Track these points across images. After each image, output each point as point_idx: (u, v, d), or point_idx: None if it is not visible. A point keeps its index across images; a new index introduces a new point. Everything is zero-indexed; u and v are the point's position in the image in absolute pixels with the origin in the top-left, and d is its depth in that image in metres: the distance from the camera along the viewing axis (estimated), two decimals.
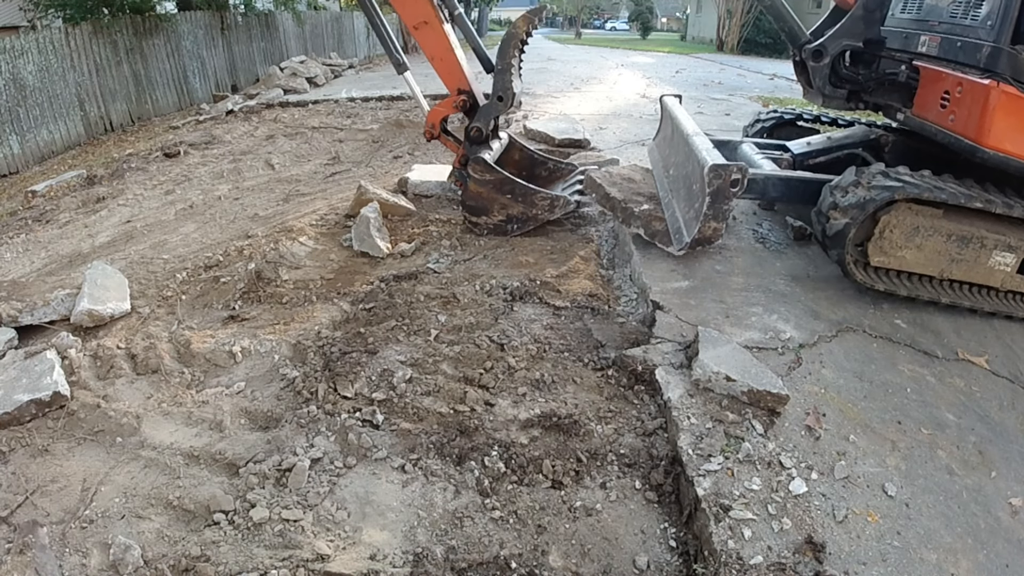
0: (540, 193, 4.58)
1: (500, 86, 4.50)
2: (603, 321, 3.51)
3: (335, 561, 2.11)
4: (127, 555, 2.10)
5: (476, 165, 4.49)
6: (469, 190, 4.59)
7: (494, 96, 4.54)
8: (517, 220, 4.61)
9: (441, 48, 4.55)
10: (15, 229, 5.76)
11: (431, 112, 4.79)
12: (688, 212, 3.82)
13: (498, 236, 4.62)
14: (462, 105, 4.66)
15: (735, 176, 3.35)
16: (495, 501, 2.37)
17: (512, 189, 4.51)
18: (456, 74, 4.61)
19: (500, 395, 2.90)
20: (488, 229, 4.66)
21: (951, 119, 3.38)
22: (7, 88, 8.44)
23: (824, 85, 4.09)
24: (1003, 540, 2.21)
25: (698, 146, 3.74)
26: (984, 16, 3.30)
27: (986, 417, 2.81)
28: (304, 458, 2.50)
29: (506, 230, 4.64)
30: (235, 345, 3.28)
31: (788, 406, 2.68)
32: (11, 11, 13.50)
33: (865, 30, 3.91)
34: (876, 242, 3.33)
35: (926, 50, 3.71)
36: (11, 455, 2.64)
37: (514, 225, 4.63)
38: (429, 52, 4.56)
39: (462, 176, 4.76)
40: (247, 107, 11.19)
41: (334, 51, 19.70)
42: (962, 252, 3.34)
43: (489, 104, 4.59)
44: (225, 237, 4.98)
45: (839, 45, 3.97)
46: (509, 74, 4.51)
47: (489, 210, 4.60)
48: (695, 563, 2.14)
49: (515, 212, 4.58)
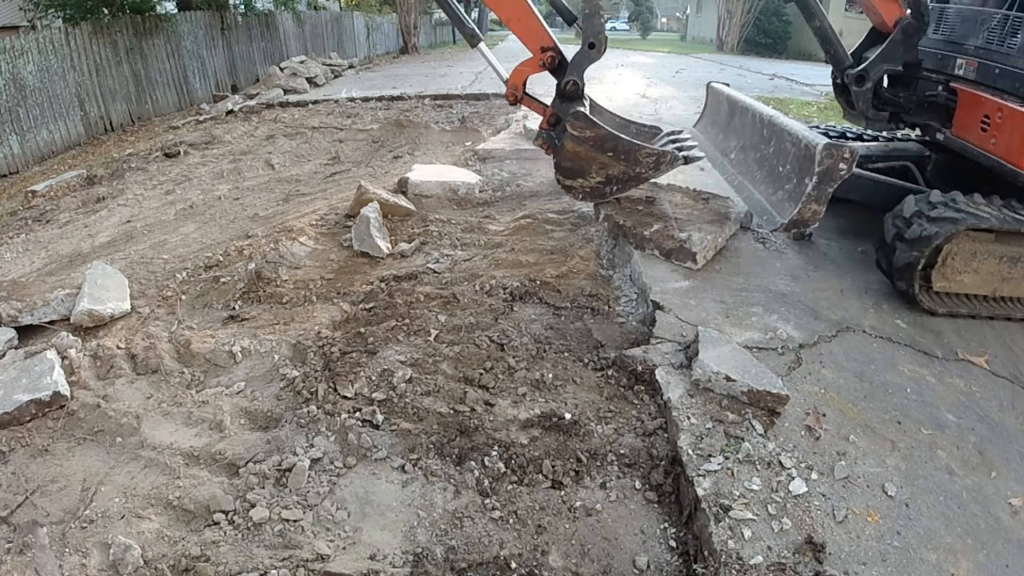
0: (645, 149, 4.21)
1: (591, 31, 4.10)
2: (603, 321, 3.51)
3: (335, 561, 2.11)
4: (127, 555, 2.10)
5: (576, 122, 4.10)
6: (565, 150, 4.22)
7: (585, 44, 4.13)
8: (617, 180, 4.31)
9: (518, 7, 4.21)
10: (15, 229, 5.76)
11: (514, 73, 4.39)
12: (776, 193, 3.70)
13: (593, 199, 4.40)
14: (549, 62, 4.27)
15: (846, 157, 3.26)
16: (495, 501, 2.37)
17: (615, 146, 4.15)
18: (538, 31, 4.27)
19: (500, 395, 2.90)
20: (583, 193, 4.39)
21: (992, 143, 3.49)
22: (7, 88, 8.44)
23: (868, 108, 4.15)
24: (1003, 540, 2.21)
25: (792, 126, 3.67)
26: (1021, 45, 3.39)
27: (986, 417, 2.81)
28: (304, 458, 2.50)
29: (604, 192, 4.37)
30: (235, 345, 3.28)
31: (788, 406, 2.68)
32: (11, 11, 13.49)
33: (904, 54, 3.97)
34: (939, 269, 3.44)
35: (963, 73, 3.79)
36: (11, 455, 2.64)
37: (613, 186, 4.35)
38: (505, 15, 4.22)
39: (550, 138, 4.44)
40: (247, 107, 11.19)
41: (334, 51, 19.69)
42: (1012, 271, 3.49)
43: (580, 54, 4.18)
44: (225, 237, 4.98)
45: (880, 70, 4.03)
46: (599, 17, 4.12)
47: (587, 171, 4.28)
48: (695, 563, 2.14)
49: (616, 172, 4.26)
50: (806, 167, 3.41)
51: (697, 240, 3.94)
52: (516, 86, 4.39)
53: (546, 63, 4.27)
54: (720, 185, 5.05)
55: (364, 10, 24.95)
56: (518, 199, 5.58)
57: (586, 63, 4.23)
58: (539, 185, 5.91)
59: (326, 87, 14.22)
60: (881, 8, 3.95)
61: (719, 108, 5.02)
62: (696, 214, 4.38)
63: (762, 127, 4.04)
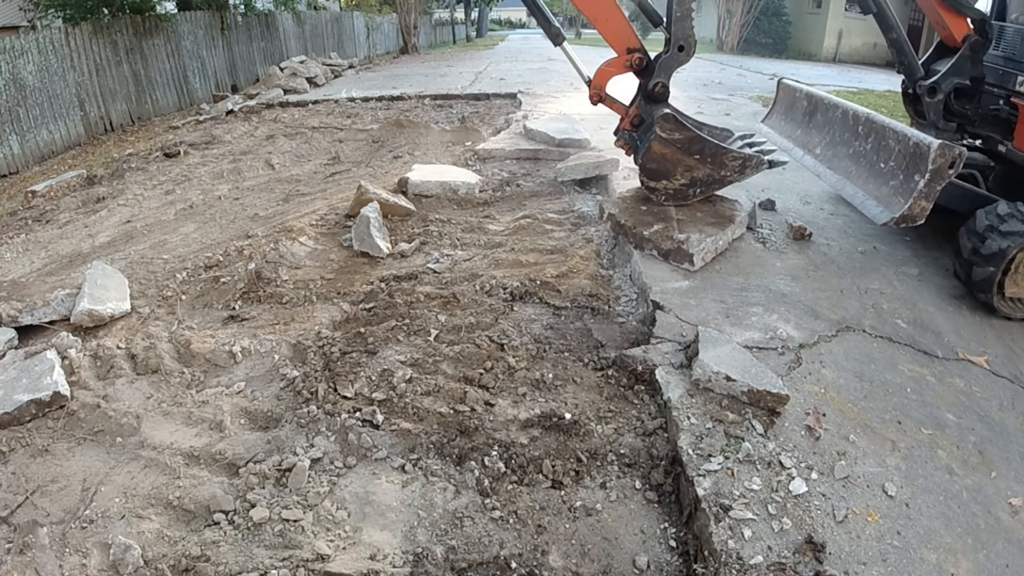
0: (731, 153, 4.23)
1: (681, 34, 4.13)
2: (603, 321, 3.51)
3: (335, 561, 2.11)
4: (127, 555, 2.10)
5: (666, 123, 4.12)
6: (652, 152, 4.22)
7: (674, 46, 4.16)
8: (701, 184, 4.33)
9: (605, 7, 4.21)
10: (15, 229, 5.76)
11: (598, 73, 4.39)
12: (881, 188, 3.76)
13: (676, 201, 4.39)
14: (637, 63, 4.30)
15: (956, 158, 3.33)
16: (495, 501, 2.37)
17: (702, 148, 4.17)
18: (624, 32, 4.26)
19: (500, 395, 2.90)
20: (666, 195, 4.39)
21: None
22: (7, 88, 8.44)
23: (938, 119, 4.29)
24: (1003, 540, 2.21)
25: (895, 125, 3.75)
26: None
27: (986, 417, 2.81)
28: (304, 458, 2.50)
29: (687, 195, 4.37)
30: (235, 345, 3.28)
31: (788, 406, 2.68)
32: (11, 11, 13.50)
33: (971, 69, 4.13)
34: (1012, 276, 3.55)
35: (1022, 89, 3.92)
36: (11, 455, 2.64)
37: (697, 189, 4.35)
38: (591, 13, 4.22)
39: (632, 139, 4.45)
40: (247, 107, 11.19)
41: (334, 51, 19.70)
42: None
43: (670, 56, 4.21)
44: (225, 237, 4.98)
45: (951, 83, 4.18)
46: (690, 20, 4.15)
47: (671, 173, 4.28)
48: (695, 563, 2.14)
49: (700, 175, 4.27)
50: (915, 164, 3.47)
51: (695, 241, 3.94)
52: (600, 86, 4.40)
53: (633, 64, 4.29)
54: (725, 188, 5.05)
55: (364, 10, 24.96)
56: (518, 199, 5.58)
57: (675, 65, 4.26)
58: (539, 185, 5.91)
59: (326, 87, 14.22)
60: (950, 24, 4.07)
61: (794, 104, 5.09)
62: (700, 216, 4.38)
63: (856, 124, 4.12)
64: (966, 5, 4.01)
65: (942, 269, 4.10)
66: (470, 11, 40.46)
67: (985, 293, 3.59)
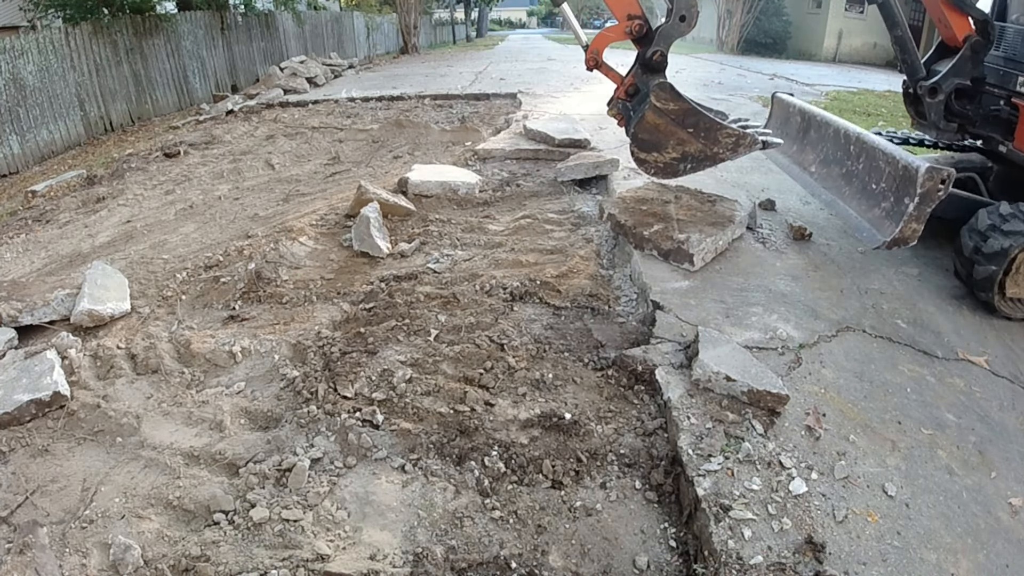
0: (726, 129, 4.10)
1: (683, 3, 4.05)
2: (603, 321, 3.51)
3: (335, 561, 2.11)
4: (127, 555, 2.10)
5: (661, 92, 3.97)
6: (645, 121, 4.09)
7: (676, 16, 4.06)
8: (693, 159, 4.18)
9: None
10: (15, 229, 5.76)
11: (596, 38, 4.28)
12: (872, 211, 3.76)
13: (665, 176, 4.31)
14: (637, 30, 4.16)
15: (943, 179, 3.34)
16: (495, 501, 2.37)
17: (696, 122, 4.05)
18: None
19: (500, 395, 2.90)
20: (656, 168, 4.25)
21: None
22: (7, 88, 8.44)
23: (939, 120, 4.29)
24: (1003, 540, 2.21)
25: (885, 146, 3.74)
26: None
27: (986, 417, 2.81)
28: (304, 458, 2.50)
29: (677, 169, 4.24)
30: (235, 345, 3.28)
31: (788, 406, 2.68)
32: (11, 11, 13.49)
33: (972, 69, 4.12)
34: (1013, 276, 3.57)
35: (1023, 90, 3.93)
36: (11, 455, 2.64)
37: (688, 164, 4.20)
38: None
39: (625, 109, 4.32)
40: (247, 107, 11.19)
41: (334, 51, 19.70)
42: None
43: (670, 25, 4.10)
44: (225, 237, 4.98)
45: (952, 83, 4.17)
46: None
47: (663, 146, 4.14)
48: (695, 563, 2.14)
49: (693, 149, 4.14)
50: (904, 187, 3.47)
51: (695, 241, 3.94)
52: (598, 50, 4.28)
53: (633, 31, 4.16)
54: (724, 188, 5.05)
55: (364, 10, 24.97)
56: (518, 199, 5.58)
57: (675, 35, 4.14)
58: (539, 185, 5.91)
59: (326, 87, 14.22)
60: (954, 23, 4.07)
61: (788, 119, 5.06)
62: (700, 216, 4.38)
63: (847, 143, 4.10)
64: (970, 4, 4.01)
65: (942, 269, 4.10)
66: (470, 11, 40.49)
67: (986, 292, 3.60)
